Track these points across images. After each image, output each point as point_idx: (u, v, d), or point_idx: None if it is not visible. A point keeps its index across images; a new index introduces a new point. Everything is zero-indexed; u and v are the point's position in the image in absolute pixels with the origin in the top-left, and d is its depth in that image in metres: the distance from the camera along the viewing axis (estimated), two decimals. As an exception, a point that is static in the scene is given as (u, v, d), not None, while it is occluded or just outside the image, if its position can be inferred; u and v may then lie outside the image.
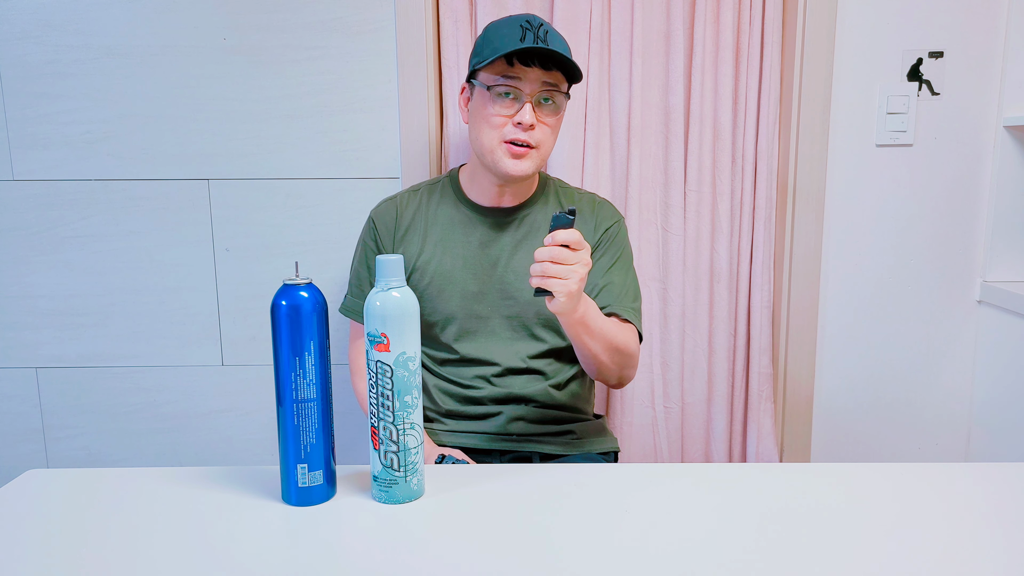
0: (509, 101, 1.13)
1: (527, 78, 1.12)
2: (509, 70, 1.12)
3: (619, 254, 1.25)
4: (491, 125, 1.14)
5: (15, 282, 1.63)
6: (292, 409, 0.79)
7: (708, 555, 0.71)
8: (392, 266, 0.80)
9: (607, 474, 0.91)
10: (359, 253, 1.28)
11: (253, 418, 1.67)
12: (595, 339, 1.10)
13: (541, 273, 0.94)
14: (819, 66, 1.56)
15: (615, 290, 1.22)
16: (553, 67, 1.12)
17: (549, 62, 1.11)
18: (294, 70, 1.55)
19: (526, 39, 1.09)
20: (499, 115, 1.13)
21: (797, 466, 0.95)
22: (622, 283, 1.23)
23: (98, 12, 1.53)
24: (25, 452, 1.68)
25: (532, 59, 1.10)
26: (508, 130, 1.13)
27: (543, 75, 1.12)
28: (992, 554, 0.71)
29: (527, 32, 1.10)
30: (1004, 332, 1.59)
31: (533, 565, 0.69)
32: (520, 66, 1.11)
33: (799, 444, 1.70)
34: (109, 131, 1.57)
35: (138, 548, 0.73)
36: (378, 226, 1.26)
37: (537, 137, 1.14)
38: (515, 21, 1.13)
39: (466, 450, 1.20)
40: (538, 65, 1.11)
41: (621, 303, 1.21)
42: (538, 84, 1.12)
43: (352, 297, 1.27)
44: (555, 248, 0.94)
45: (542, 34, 1.11)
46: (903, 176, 1.62)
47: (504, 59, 1.11)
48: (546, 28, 1.12)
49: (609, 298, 1.21)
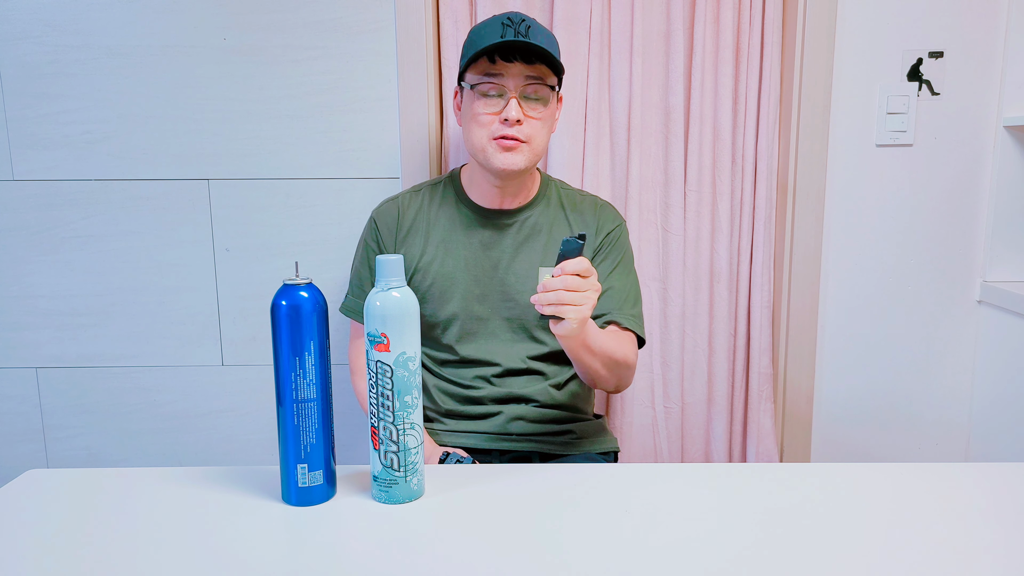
0: (495, 98, 1.14)
1: (510, 73, 1.12)
2: (492, 67, 1.12)
3: (620, 258, 1.25)
4: (479, 124, 1.15)
5: (15, 282, 1.63)
6: (292, 409, 0.79)
7: (708, 555, 0.71)
8: (392, 266, 0.80)
9: (607, 474, 0.91)
10: (360, 253, 1.28)
11: (253, 418, 1.67)
12: (595, 357, 1.12)
13: (556, 301, 0.93)
14: (819, 66, 1.56)
15: (616, 296, 1.22)
16: (536, 60, 1.12)
17: (532, 56, 1.11)
18: (294, 70, 1.55)
19: (506, 35, 1.09)
20: (486, 113, 1.14)
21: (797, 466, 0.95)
22: (622, 288, 1.23)
23: (98, 12, 1.53)
24: (25, 452, 1.68)
25: (513, 54, 1.11)
26: (496, 127, 1.14)
27: (526, 69, 1.12)
28: (992, 554, 0.71)
29: (507, 28, 1.11)
30: (1004, 332, 1.59)
31: (533, 565, 0.69)
32: (502, 62, 1.12)
33: (799, 444, 1.70)
34: (109, 131, 1.57)
35: (138, 548, 0.73)
36: (380, 226, 1.25)
37: (526, 132, 1.14)
38: (497, 19, 1.13)
39: (466, 450, 1.20)
40: (520, 60, 1.11)
41: (621, 310, 1.22)
42: (521, 79, 1.12)
43: (353, 297, 1.27)
44: (568, 278, 0.93)
45: (523, 29, 1.11)
46: (903, 176, 1.62)
47: (486, 57, 1.11)
48: (528, 23, 1.12)
49: (609, 305, 1.21)
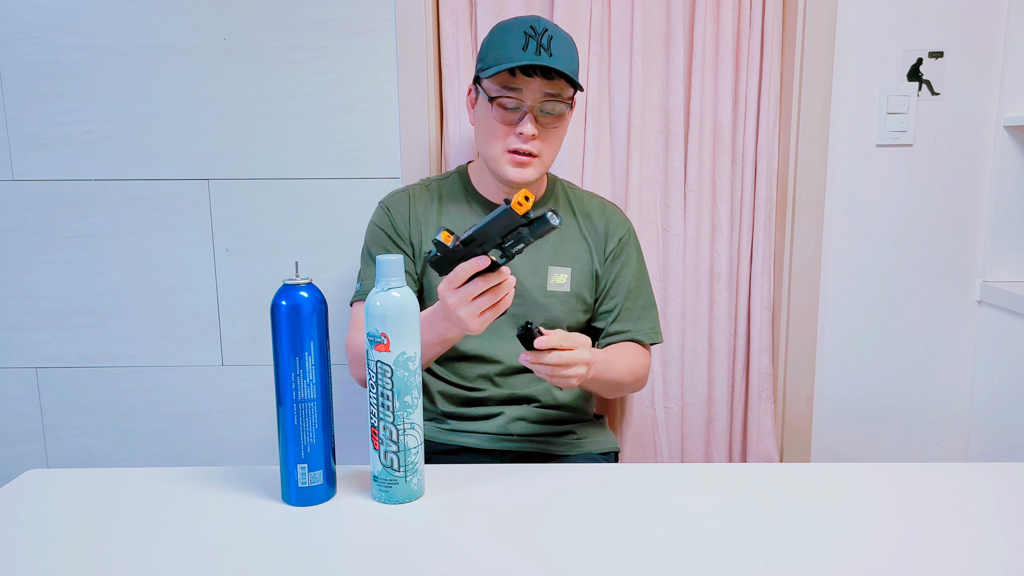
0: (511, 112, 1.13)
1: (528, 88, 1.12)
2: (511, 81, 1.12)
3: (633, 265, 1.26)
4: (494, 135, 1.15)
5: (15, 282, 1.63)
6: (292, 409, 0.79)
7: (708, 555, 0.71)
8: (392, 266, 0.80)
9: (607, 474, 0.91)
10: (372, 239, 1.25)
11: (253, 418, 1.67)
12: (604, 386, 1.15)
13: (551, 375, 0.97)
14: (819, 66, 1.56)
15: (635, 311, 1.24)
16: (556, 76, 1.11)
17: (552, 72, 1.10)
18: (294, 70, 1.55)
19: (528, 48, 1.09)
20: (501, 124, 1.14)
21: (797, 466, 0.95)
22: (638, 299, 1.25)
23: (98, 12, 1.53)
24: (25, 452, 1.68)
25: (534, 70, 1.10)
26: (511, 140, 1.14)
27: (545, 85, 1.12)
28: (992, 554, 0.71)
29: (530, 40, 1.10)
30: (1004, 332, 1.59)
31: (533, 565, 0.69)
32: (522, 76, 1.11)
33: (799, 444, 1.70)
34: (109, 131, 1.57)
35: (138, 548, 0.73)
36: (393, 213, 1.24)
37: (539, 146, 1.15)
38: (520, 27, 1.12)
39: (466, 450, 1.20)
40: (540, 75, 1.11)
41: (640, 327, 1.24)
42: (540, 94, 1.12)
43: (364, 282, 1.23)
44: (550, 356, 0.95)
45: (546, 41, 1.10)
46: (903, 176, 1.62)
47: (507, 70, 1.11)
48: (551, 34, 1.11)
49: (628, 322, 1.24)
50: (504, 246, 0.89)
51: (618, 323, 1.24)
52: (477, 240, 0.88)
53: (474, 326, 0.92)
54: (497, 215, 0.85)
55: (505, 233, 0.87)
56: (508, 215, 0.85)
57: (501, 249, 0.89)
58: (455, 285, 0.90)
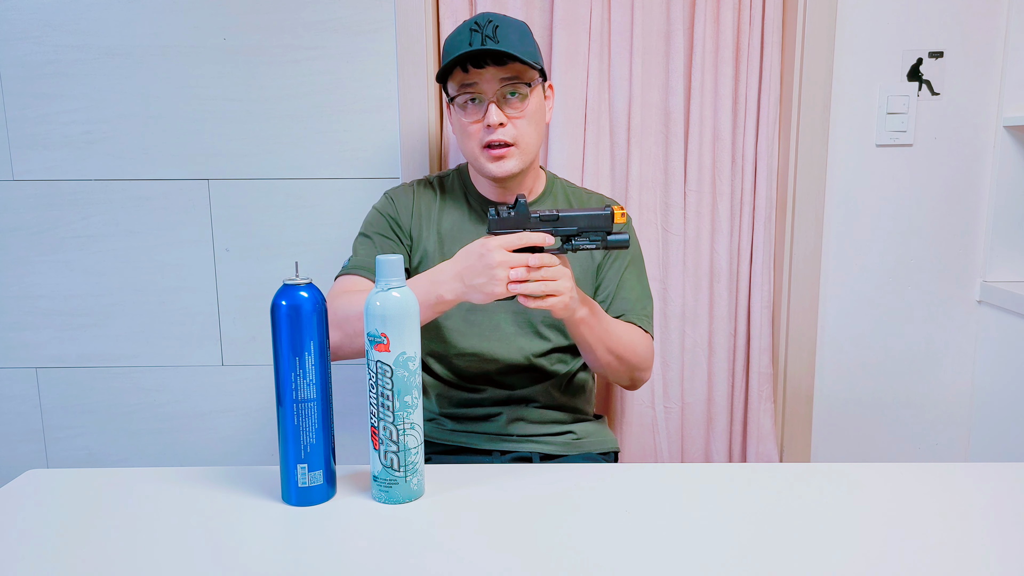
0: (475, 107, 1.14)
1: (483, 79, 1.12)
2: (466, 77, 1.12)
3: (631, 258, 1.26)
4: (467, 135, 1.15)
5: (15, 282, 1.63)
6: (292, 409, 0.80)
7: (708, 555, 0.71)
8: (392, 266, 0.80)
9: (607, 474, 0.91)
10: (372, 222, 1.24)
11: (253, 418, 1.67)
12: (598, 340, 1.11)
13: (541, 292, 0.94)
14: (819, 66, 1.56)
15: (631, 298, 1.24)
16: (508, 61, 1.10)
17: (503, 57, 1.10)
18: (294, 70, 1.55)
19: (474, 42, 1.09)
20: (471, 123, 1.14)
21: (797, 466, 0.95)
22: (633, 288, 1.25)
23: (98, 12, 1.53)
24: (25, 452, 1.68)
25: (484, 60, 1.10)
26: (482, 135, 1.14)
27: (500, 72, 1.11)
28: (992, 554, 0.71)
29: (475, 34, 1.10)
30: (1004, 332, 1.59)
31: (533, 565, 0.69)
32: (475, 70, 1.11)
33: (799, 444, 1.70)
34: (109, 131, 1.57)
35: (138, 548, 0.73)
36: (397, 204, 1.25)
37: (512, 133, 1.13)
38: (465, 25, 1.12)
39: (466, 450, 1.21)
40: (492, 63, 1.10)
41: (635, 312, 1.23)
42: (496, 83, 1.12)
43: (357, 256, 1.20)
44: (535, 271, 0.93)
45: (491, 31, 1.10)
46: (903, 176, 1.62)
47: (459, 67, 1.11)
48: (495, 24, 1.11)
49: (624, 307, 1.23)
50: (574, 239, 0.95)
51: (614, 307, 1.22)
52: (561, 221, 0.94)
53: (498, 289, 0.93)
54: (596, 212, 0.94)
55: (587, 230, 0.94)
56: (605, 218, 0.94)
57: (568, 240, 0.95)
58: (512, 248, 0.93)
